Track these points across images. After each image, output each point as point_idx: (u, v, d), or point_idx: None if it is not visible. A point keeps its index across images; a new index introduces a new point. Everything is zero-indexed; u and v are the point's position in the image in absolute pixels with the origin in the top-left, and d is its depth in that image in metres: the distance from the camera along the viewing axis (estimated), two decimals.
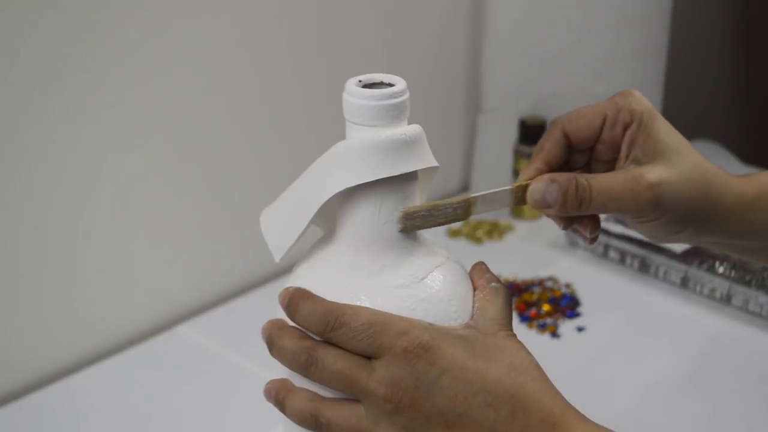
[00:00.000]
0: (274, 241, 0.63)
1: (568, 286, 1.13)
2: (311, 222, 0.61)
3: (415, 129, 0.60)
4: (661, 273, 1.14)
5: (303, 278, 0.63)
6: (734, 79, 1.88)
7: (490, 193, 0.62)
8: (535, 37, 1.28)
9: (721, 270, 1.10)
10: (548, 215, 0.63)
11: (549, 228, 1.27)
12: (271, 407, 0.89)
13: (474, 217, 1.29)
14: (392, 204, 0.60)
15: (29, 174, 0.91)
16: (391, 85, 0.59)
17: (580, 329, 1.05)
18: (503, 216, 1.30)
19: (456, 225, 1.28)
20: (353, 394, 0.56)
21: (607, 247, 1.18)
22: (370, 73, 0.60)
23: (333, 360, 0.56)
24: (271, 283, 1.13)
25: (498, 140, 1.33)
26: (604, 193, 0.59)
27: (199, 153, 1.05)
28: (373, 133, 0.58)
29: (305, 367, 0.57)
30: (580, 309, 1.09)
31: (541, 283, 1.13)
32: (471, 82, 1.35)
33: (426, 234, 0.64)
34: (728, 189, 0.62)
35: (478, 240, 1.24)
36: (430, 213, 0.60)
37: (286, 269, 1.01)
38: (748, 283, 1.08)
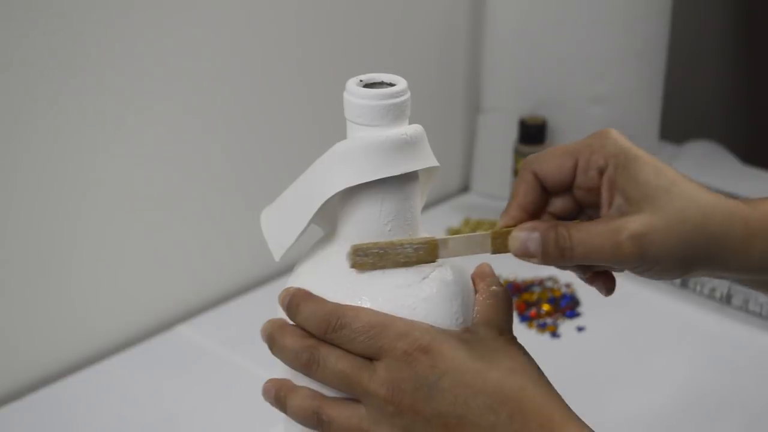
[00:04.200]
0: (274, 241, 0.63)
1: (568, 286, 1.13)
2: (311, 221, 0.61)
3: (415, 129, 0.60)
4: None
5: (303, 278, 0.63)
6: (734, 79, 1.88)
7: (464, 237, 0.60)
8: (536, 37, 1.28)
9: None
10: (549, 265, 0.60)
11: None
12: (271, 407, 0.89)
13: (474, 218, 1.29)
14: (393, 204, 0.60)
15: (29, 174, 0.91)
16: (391, 84, 0.59)
17: (580, 329, 1.05)
18: None
19: (456, 225, 1.28)
20: (354, 395, 0.56)
21: None
22: (371, 73, 0.60)
23: (335, 360, 0.56)
24: (271, 283, 1.13)
25: (498, 140, 1.33)
26: (584, 244, 0.56)
27: (200, 153, 1.05)
28: (374, 133, 0.58)
29: (307, 366, 0.57)
30: (580, 309, 1.09)
31: (541, 283, 1.13)
32: (471, 82, 1.35)
33: (426, 233, 0.64)
34: (732, 220, 0.56)
35: None
36: (386, 251, 0.58)
37: (287, 269, 1.01)
38: None
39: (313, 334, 0.58)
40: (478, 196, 1.37)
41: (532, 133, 1.26)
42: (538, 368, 0.57)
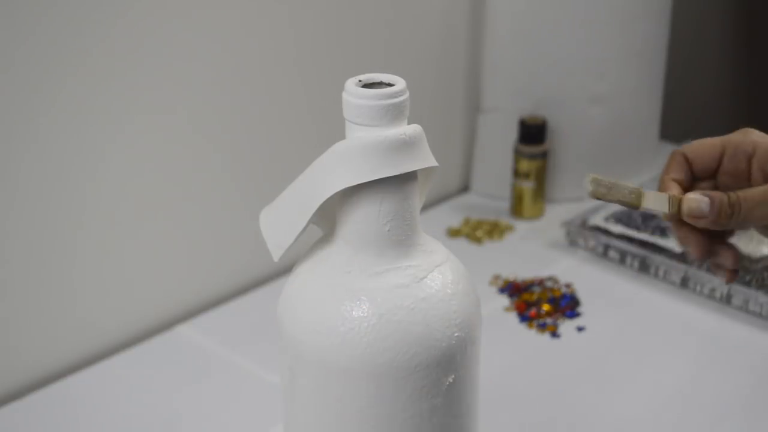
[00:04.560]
0: (274, 241, 0.63)
1: (568, 286, 1.13)
2: (310, 221, 0.61)
3: (414, 129, 0.60)
4: (661, 273, 1.14)
5: (303, 278, 0.64)
6: (734, 79, 1.88)
7: (655, 193, 0.66)
8: (535, 37, 1.28)
9: None
10: (689, 242, 0.67)
11: (549, 228, 1.27)
12: (270, 407, 0.89)
13: (474, 217, 1.29)
14: (392, 204, 0.60)
15: (29, 174, 0.91)
16: (390, 84, 0.59)
17: (580, 329, 1.05)
18: (503, 216, 1.30)
19: (456, 225, 1.28)
20: None
21: (607, 247, 1.18)
22: (370, 73, 0.60)
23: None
24: (270, 283, 1.13)
25: (498, 140, 1.33)
26: (751, 199, 0.64)
27: (200, 153, 1.05)
28: (373, 133, 0.58)
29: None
30: (580, 309, 1.09)
31: (541, 283, 1.13)
32: (471, 82, 1.35)
33: (426, 234, 0.64)
34: None
35: (478, 240, 1.24)
36: (614, 186, 0.64)
37: (286, 269, 1.01)
38: (748, 283, 1.08)
39: None
40: (478, 196, 1.37)
41: (532, 133, 1.26)
42: None
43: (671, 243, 1.16)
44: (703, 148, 0.69)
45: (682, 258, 1.13)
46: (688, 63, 1.71)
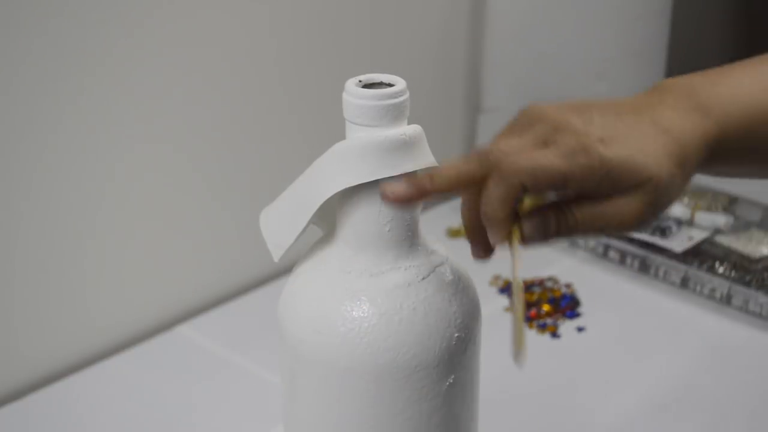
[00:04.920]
0: (274, 241, 0.63)
1: (568, 286, 1.13)
2: (310, 222, 0.61)
3: (414, 129, 0.60)
4: (661, 273, 1.14)
5: (303, 278, 0.63)
6: None
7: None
8: (536, 37, 1.28)
9: (721, 270, 1.10)
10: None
11: None
12: (271, 407, 0.89)
13: None
14: None
15: (29, 175, 0.91)
16: (390, 85, 0.59)
17: (580, 329, 1.05)
18: None
19: (456, 225, 1.28)
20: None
21: (607, 247, 1.18)
22: (370, 73, 0.60)
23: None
24: (270, 283, 1.13)
25: None
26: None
27: (200, 153, 1.05)
28: (373, 133, 0.58)
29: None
30: (580, 309, 1.09)
31: (541, 283, 1.13)
32: (471, 82, 1.35)
33: (426, 234, 0.64)
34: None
35: None
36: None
37: (286, 269, 1.01)
38: (748, 283, 1.08)
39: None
40: None
41: None
42: None
43: (671, 243, 1.16)
44: None
45: (682, 258, 1.13)
46: (688, 63, 1.71)
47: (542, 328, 1.05)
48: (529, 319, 1.06)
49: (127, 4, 0.93)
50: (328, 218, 0.63)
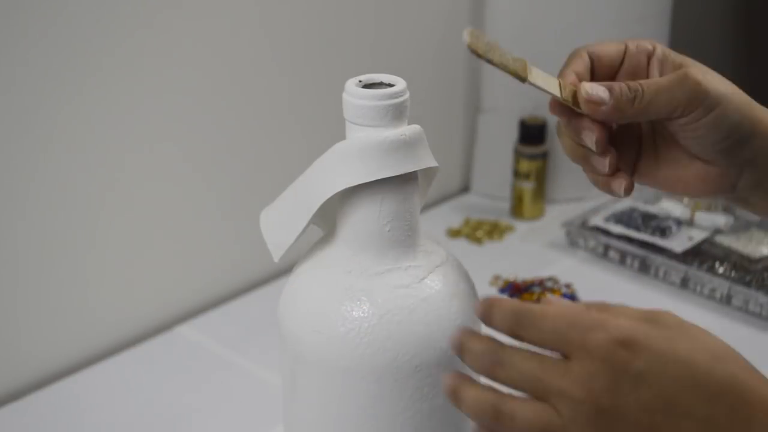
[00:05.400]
0: (274, 241, 0.63)
1: (568, 286, 1.13)
2: (311, 222, 0.61)
3: (414, 129, 0.60)
4: (661, 273, 1.14)
5: (303, 278, 0.63)
6: (734, 80, 1.88)
7: (543, 72, 0.63)
8: (535, 37, 1.28)
9: (721, 270, 1.10)
10: (579, 130, 0.62)
11: (549, 228, 1.27)
12: (271, 407, 0.89)
13: (474, 217, 1.29)
14: (392, 204, 0.60)
15: (30, 175, 0.91)
16: (390, 85, 0.59)
17: None
18: (503, 216, 1.30)
19: (456, 225, 1.27)
20: (545, 397, 0.50)
21: (607, 247, 1.18)
22: (370, 73, 0.60)
23: (521, 359, 0.51)
24: (270, 283, 1.13)
25: (498, 140, 1.33)
26: (654, 85, 0.60)
27: (200, 153, 1.05)
28: (373, 134, 0.58)
29: (492, 367, 0.51)
30: None
31: (541, 283, 1.13)
32: (471, 82, 1.35)
33: (426, 234, 0.64)
34: (763, 107, 0.63)
35: (478, 240, 1.24)
36: (494, 46, 0.59)
37: (286, 269, 1.01)
38: (748, 283, 1.08)
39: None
40: (478, 196, 1.37)
41: (532, 134, 1.26)
42: (735, 350, 0.52)
43: (671, 243, 1.16)
44: (606, 45, 0.65)
45: (682, 258, 1.13)
46: None
47: None
48: None
49: (127, 7, 0.93)
50: (328, 218, 0.63)
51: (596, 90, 0.61)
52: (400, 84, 0.59)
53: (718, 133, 0.60)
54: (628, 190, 0.63)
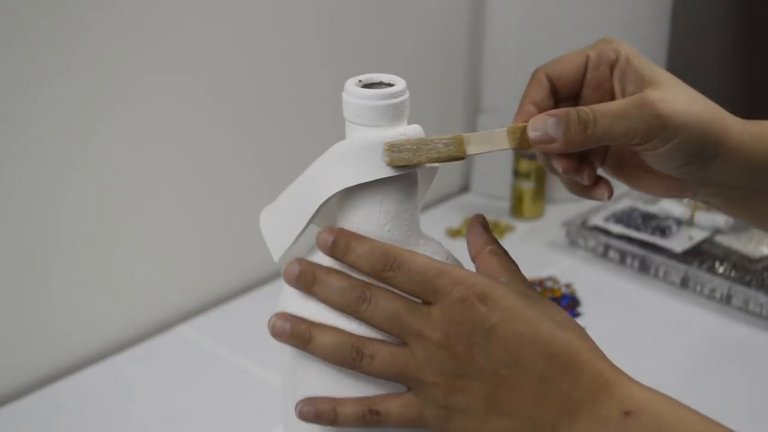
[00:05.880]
0: (274, 241, 0.62)
1: (568, 286, 1.13)
2: (310, 222, 0.61)
3: (414, 129, 0.60)
4: (661, 273, 1.14)
5: None
6: (735, 80, 1.88)
7: (485, 132, 0.60)
8: (536, 38, 1.28)
9: (721, 270, 1.10)
10: (548, 158, 0.60)
11: (549, 228, 1.27)
12: (271, 407, 0.89)
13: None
14: (392, 204, 0.60)
15: (30, 176, 0.91)
16: (390, 85, 0.59)
17: None
18: (503, 216, 1.30)
19: (456, 225, 1.28)
20: (404, 337, 0.55)
21: (607, 247, 1.18)
22: (370, 73, 0.60)
23: (387, 299, 0.55)
24: (270, 283, 1.13)
25: None
26: (608, 114, 0.56)
27: (200, 153, 1.05)
28: (373, 134, 0.58)
29: (357, 303, 0.55)
30: (580, 309, 1.09)
31: (541, 283, 1.13)
32: (471, 83, 1.35)
33: (426, 234, 0.64)
34: (733, 119, 0.59)
35: None
36: (419, 147, 0.57)
37: None
38: (748, 283, 1.08)
39: (365, 274, 0.56)
40: (478, 196, 1.37)
41: None
42: (579, 325, 0.58)
43: (671, 243, 1.16)
44: (564, 62, 0.60)
45: (682, 258, 1.13)
46: (688, 63, 1.71)
47: None
48: None
49: (128, 9, 0.93)
50: (328, 218, 0.63)
51: (543, 129, 0.57)
52: (400, 84, 0.59)
53: (677, 160, 0.58)
54: (611, 196, 0.61)
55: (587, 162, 0.60)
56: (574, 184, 0.62)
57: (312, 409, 0.57)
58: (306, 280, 0.57)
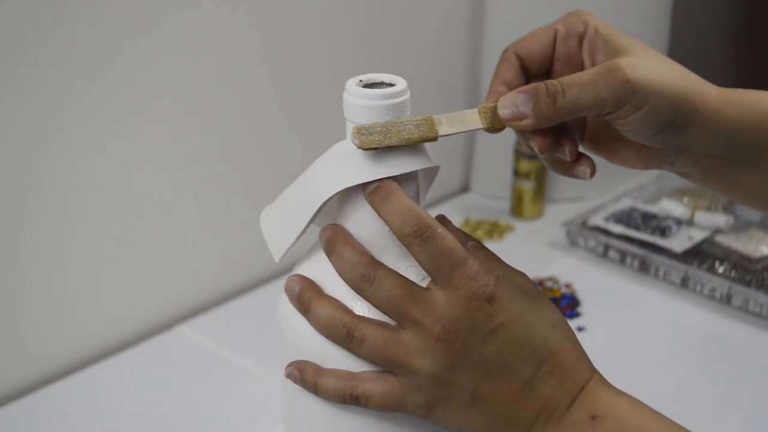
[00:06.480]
0: (274, 241, 0.62)
1: (568, 286, 1.13)
2: (311, 222, 0.61)
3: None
4: (661, 273, 1.14)
5: None
6: (735, 80, 1.88)
7: (456, 113, 0.59)
8: None
9: (721, 270, 1.10)
10: (524, 137, 0.59)
11: (549, 228, 1.27)
12: (271, 407, 0.89)
13: (474, 217, 1.29)
14: None
15: (33, 176, 0.91)
16: (391, 84, 0.59)
17: (580, 329, 1.05)
18: (503, 216, 1.30)
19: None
20: (402, 321, 0.56)
21: (607, 247, 1.18)
22: (371, 73, 0.60)
23: (391, 283, 0.56)
24: (271, 283, 1.13)
25: (498, 140, 1.33)
26: (576, 84, 0.55)
27: (200, 153, 1.05)
28: None
29: (360, 281, 0.56)
30: (580, 309, 1.09)
31: (541, 283, 1.13)
32: (471, 82, 1.35)
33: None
34: (708, 86, 0.58)
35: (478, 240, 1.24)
36: (389, 129, 0.56)
37: (286, 269, 1.01)
38: (748, 283, 1.08)
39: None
40: (478, 196, 1.37)
41: None
42: (569, 324, 0.59)
43: (671, 243, 1.16)
44: (533, 39, 0.60)
45: (682, 258, 1.13)
46: (688, 63, 1.71)
47: None
48: None
49: (129, 10, 0.93)
50: (328, 218, 0.63)
51: (513, 106, 0.56)
52: (401, 84, 0.59)
53: (650, 128, 0.57)
54: (593, 173, 0.61)
55: (568, 137, 0.60)
56: (556, 163, 0.61)
57: (297, 375, 0.59)
58: (329, 246, 0.58)
